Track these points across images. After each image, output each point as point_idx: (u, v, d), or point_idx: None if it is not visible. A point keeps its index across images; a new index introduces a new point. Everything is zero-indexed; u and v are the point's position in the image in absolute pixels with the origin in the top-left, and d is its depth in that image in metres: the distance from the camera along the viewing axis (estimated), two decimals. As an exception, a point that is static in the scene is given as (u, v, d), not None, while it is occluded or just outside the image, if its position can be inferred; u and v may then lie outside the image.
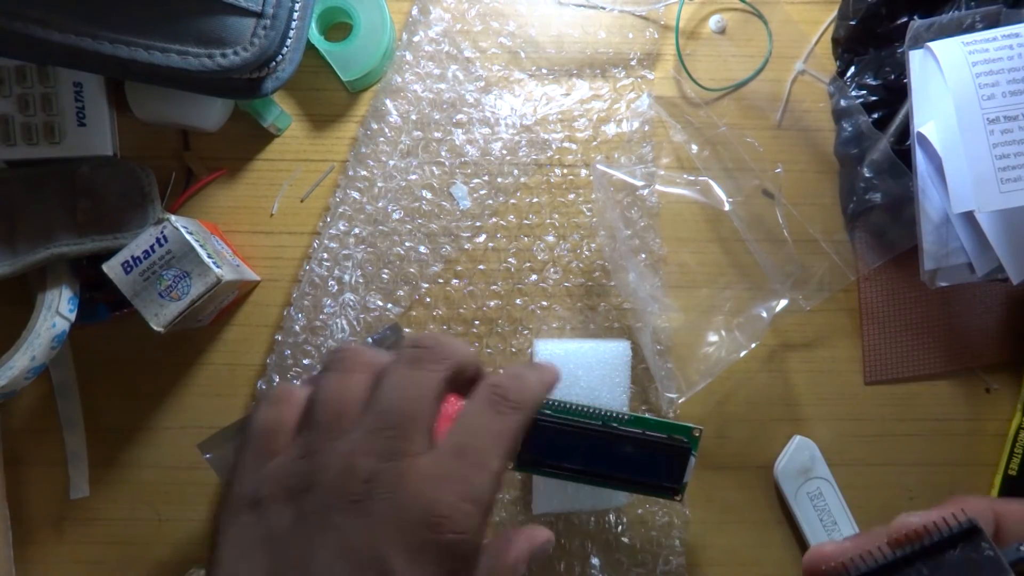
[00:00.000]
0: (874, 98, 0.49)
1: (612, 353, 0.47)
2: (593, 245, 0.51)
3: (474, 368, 0.31)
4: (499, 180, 0.51)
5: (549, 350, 0.47)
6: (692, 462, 0.37)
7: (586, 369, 0.47)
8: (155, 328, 0.43)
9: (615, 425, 0.36)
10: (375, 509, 0.26)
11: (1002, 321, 0.52)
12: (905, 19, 0.48)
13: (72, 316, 0.46)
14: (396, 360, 0.30)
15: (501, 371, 0.31)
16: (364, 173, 0.50)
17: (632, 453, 0.36)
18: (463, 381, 0.31)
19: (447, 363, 0.30)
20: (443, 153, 0.51)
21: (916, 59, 0.45)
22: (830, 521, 0.49)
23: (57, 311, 0.46)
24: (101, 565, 0.50)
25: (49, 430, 0.50)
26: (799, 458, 0.50)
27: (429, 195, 0.51)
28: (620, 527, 0.49)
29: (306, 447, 0.28)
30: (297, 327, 0.49)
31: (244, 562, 0.27)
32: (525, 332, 0.50)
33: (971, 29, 0.45)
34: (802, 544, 0.50)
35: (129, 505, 0.50)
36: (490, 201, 0.51)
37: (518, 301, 0.51)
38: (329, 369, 0.30)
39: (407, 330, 0.49)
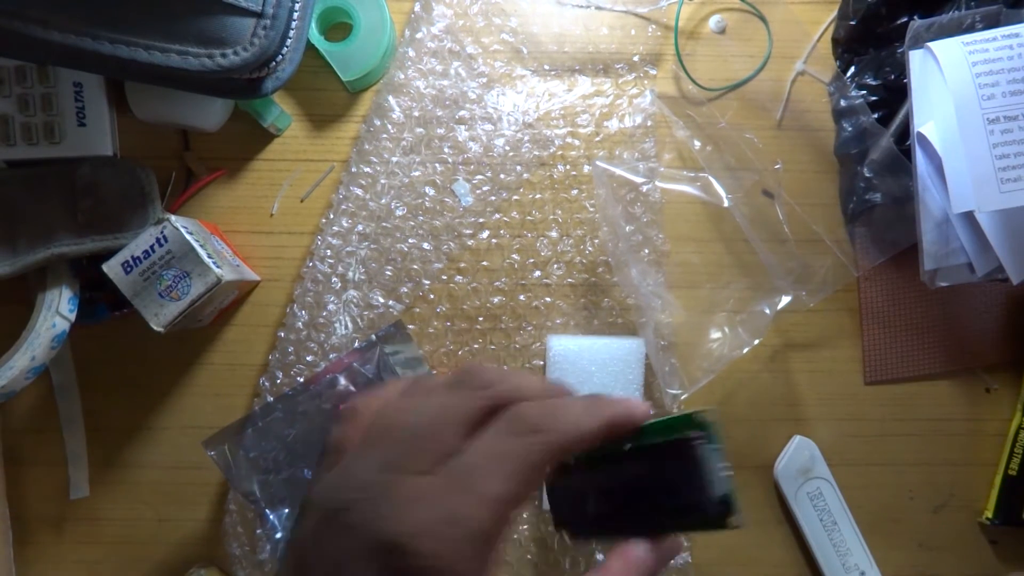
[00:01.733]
0: (874, 98, 0.49)
1: (626, 350, 0.47)
2: (596, 241, 0.51)
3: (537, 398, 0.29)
4: (502, 176, 0.51)
5: (563, 346, 0.47)
6: (716, 457, 0.27)
7: (600, 366, 0.47)
8: (155, 328, 0.43)
9: (621, 449, 0.28)
10: (351, 521, 0.26)
11: (1002, 321, 0.52)
12: (905, 19, 0.48)
13: (72, 316, 0.46)
14: (442, 383, 0.30)
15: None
16: (367, 170, 0.50)
17: (643, 474, 0.28)
18: None
19: (488, 392, 0.28)
20: (446, 150, 0.51)
21: (916, 59, 0.45)
22: (830, 521, 0.49)
23: (57, 311, 0.45)
24: (101, 565, 0.50)
25: (49, 430, 0.50)
26: (799, 458, 0.50)
27: (432, 192, 0.51)
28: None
29: (344, 460, 0.29)
30: (300, 323, 0.49)
31: (286, 560, 0.29)
32: (529, 328, 0.50)
33: (971, 29, 0.45)
34: (802, 544, 0.50)
35: (129, 505, 0.50)
36: (493, 198, 0.51)
37: (521, 297, 0.51)
38: (405, 393, 0.31)
39: (411, 327, 0.49)
